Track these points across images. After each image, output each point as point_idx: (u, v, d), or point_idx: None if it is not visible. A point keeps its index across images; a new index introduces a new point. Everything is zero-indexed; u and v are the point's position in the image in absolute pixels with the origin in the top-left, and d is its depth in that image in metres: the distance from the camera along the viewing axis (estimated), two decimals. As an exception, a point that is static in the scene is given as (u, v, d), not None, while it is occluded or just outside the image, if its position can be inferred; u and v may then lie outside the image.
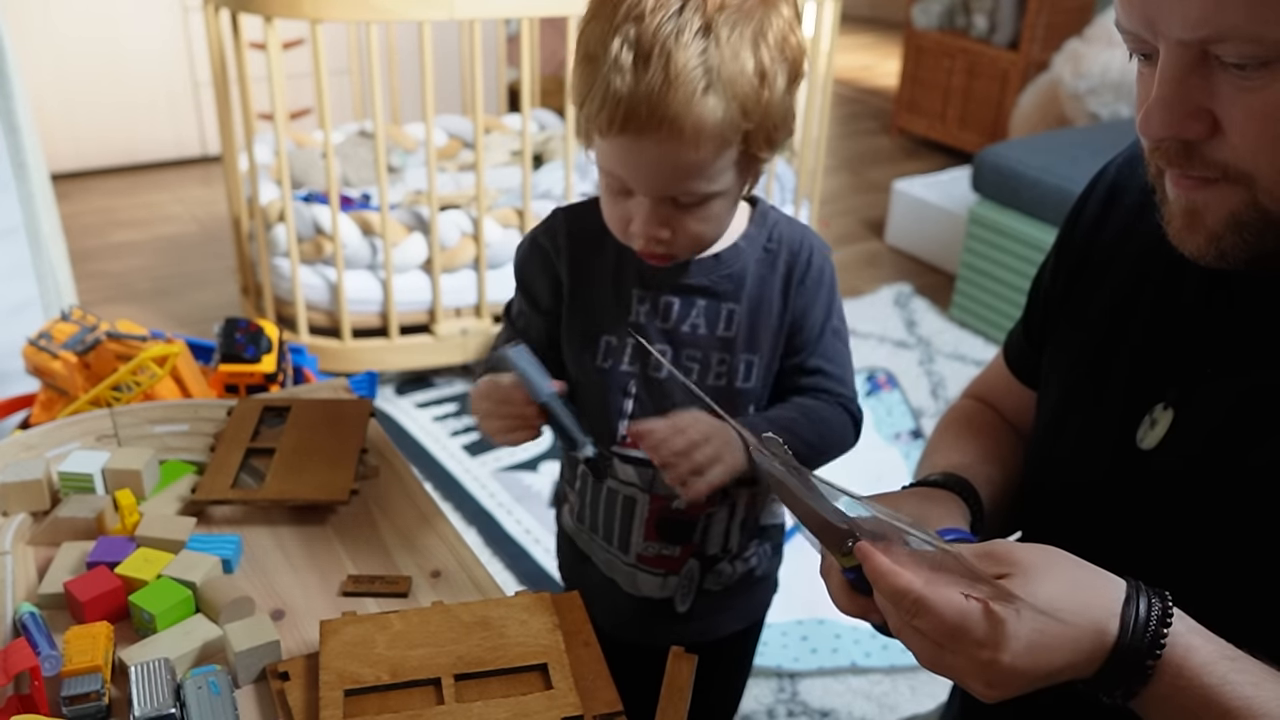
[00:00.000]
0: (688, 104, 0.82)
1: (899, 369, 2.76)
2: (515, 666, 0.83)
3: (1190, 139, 0.63)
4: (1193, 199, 0.66)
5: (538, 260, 1.04)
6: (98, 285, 3.12)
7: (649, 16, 0.81)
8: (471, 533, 2.13)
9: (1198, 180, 0.65)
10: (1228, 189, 0.64)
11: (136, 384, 1.47)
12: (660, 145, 0.84)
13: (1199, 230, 0.66)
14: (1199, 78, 0.61)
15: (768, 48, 0.84)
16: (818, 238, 1.02)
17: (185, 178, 3.97)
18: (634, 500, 1.04)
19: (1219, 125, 0.62)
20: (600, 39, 0.84)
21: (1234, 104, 0.60)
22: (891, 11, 6.24)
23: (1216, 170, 0.63)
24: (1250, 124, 0.60)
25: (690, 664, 0.87)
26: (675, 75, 0.81)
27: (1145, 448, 0.77)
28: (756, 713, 1.74)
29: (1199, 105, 0.62)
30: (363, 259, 2.59)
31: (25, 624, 0.85)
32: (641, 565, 1.07)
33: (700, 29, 0.81)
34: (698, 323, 0.98)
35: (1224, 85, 0.60)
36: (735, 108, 0.84)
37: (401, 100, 3.44)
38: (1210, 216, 0.65)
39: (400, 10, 2.27)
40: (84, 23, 3.70)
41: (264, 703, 0.82)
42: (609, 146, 0.87)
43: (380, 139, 2.40)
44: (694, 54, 0.81)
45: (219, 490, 1.03)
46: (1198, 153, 0.64)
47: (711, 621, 1.12)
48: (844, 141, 4.61)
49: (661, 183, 0.88)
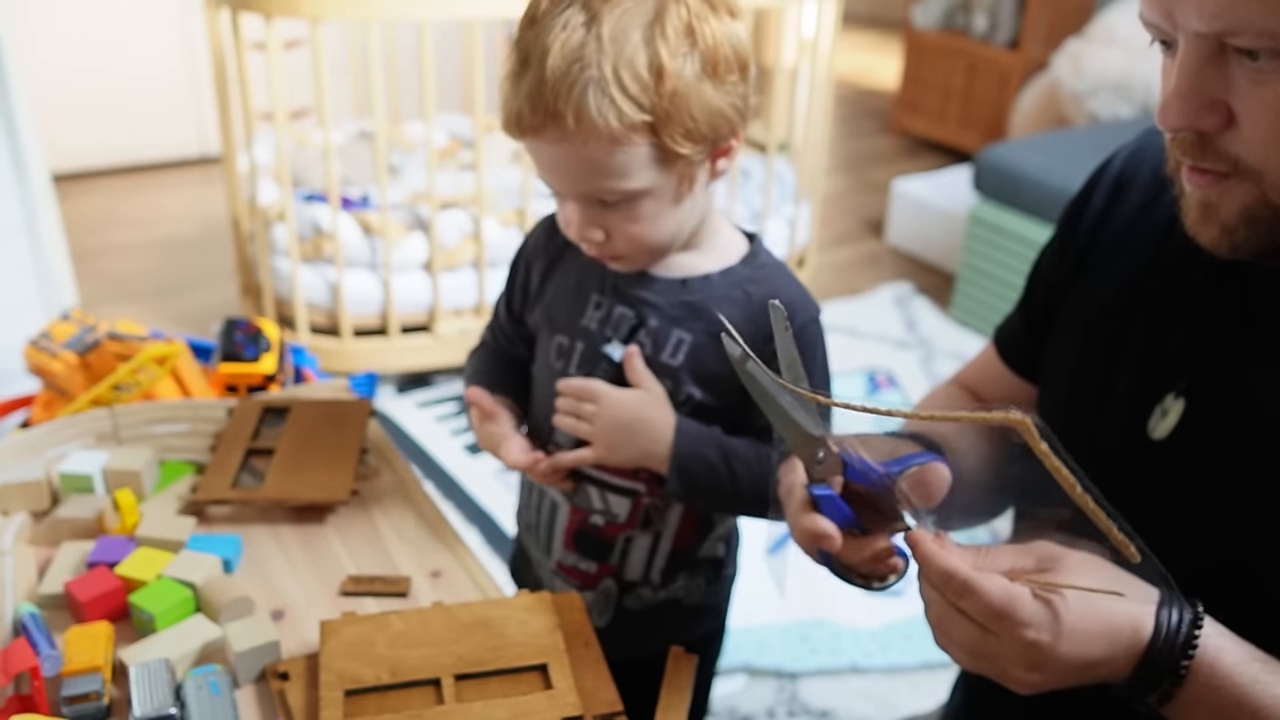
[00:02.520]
0: (566, 100, 0.82)
1: (899, 369, 2.76)
2: (515, 667, 0.83)
3: (1206, 130, 0.64)
4: (1207, 194, 0.67)
5: (520, 259, 1.07)
6: (98, 285, 3.12)
7: (540, 20, 0.83)
8: (471, 533, 2.13)
9: (1212, 176, 0.66)
10: (1239, 184, 0.65)
11: (136, 384, 1.47)
12: (555, 144, 0.85)
13: (1213, 223, 0.68)
14: (1216, 70, 0.62)
15: (664, 39, 0.82)
16: (808, 297, 0.99)
17: (185, 178, 3.97)
18: (557, 507, 1.05)
19: (1234, 118, 0.63)
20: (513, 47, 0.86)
21: (1249, 96, 0.62)
22: (891, 11, 6.24)
23: (1228, 164, 0.65)
24: (1263, 116, 0.62)
25: (690, 664, 0.87)
26: (551, 73, 0.81)
27: (1157, 438, 0.78)
28: (756, 713, 1.74)
29: (1215, 97, 0.63)
30: (363, 259, 2.59)
31: (25, 624, 0.85)
32: (560, 573, 1.07)
33: (583, 23, 0.81)
34: (643, 341, 0.96)
35: (1240, 78, 0.62)
36: (624, 102, 0.82)
37: (401, 100, 3.44)
38: (1224, 210, 0.66)
39: (400, 10, 2.27)
40: (84, 23, 3.70)
41: (264, 703, 0.82)
42: (529, 149, 0.89)
43: (380, 139, 2.40)
44: (571, 50, 0.81)
45: (219, 490, 1.03)
46: (1212, 145, 0.65)
47: (631, 641, 1.03)
48: (844, 141, 4.61)
49: (572, 181, 0.88)
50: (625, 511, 1.02)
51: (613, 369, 0.97)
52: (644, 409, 0.94)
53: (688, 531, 1.04)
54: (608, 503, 1.01)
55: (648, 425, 0.94)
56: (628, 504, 1.01)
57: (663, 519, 1.03)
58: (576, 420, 0.96)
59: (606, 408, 0.94)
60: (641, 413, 0.94)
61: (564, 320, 1.01)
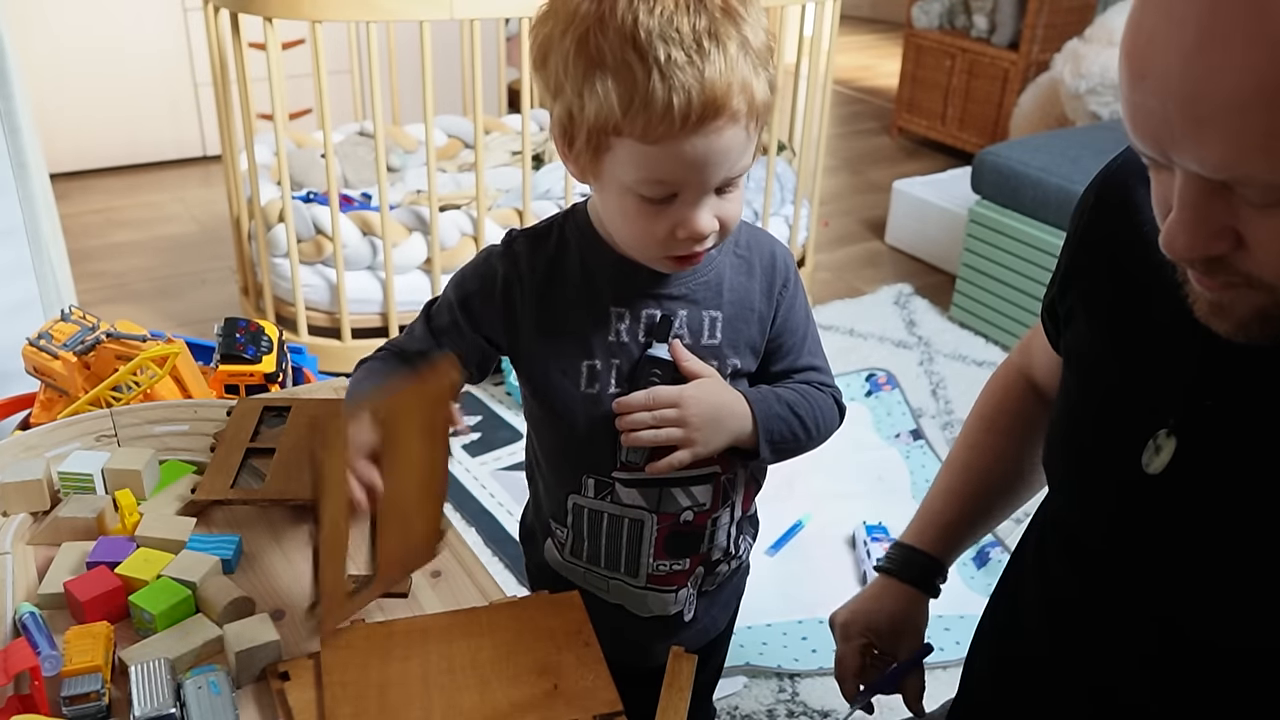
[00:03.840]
0: (749, 83, 0.83)
1: (899, 369, 2.75)
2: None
3: (1216, 256, 0.62)
4: (1219, 298, 0.66)
5: (494, 284, 0.99)
6: (98, 285, 3.12)
7: (678, 15, 0.80)
8: (471, 533, 2.13)
9: (1223, 283, 0.64)
10: (1252, 293, 0.63)
11: (136, 384, 1.47)
12: (725, 130, 0.83)
13: (1226, 319, 0.66)
14: (1221, 200, 0.59)
15: (763, 18, 0.86)
16: (782, 244, 1.04)
17: (185, 178, 3.97)
18: (640, 523, 1.02)
19: (1243, 240, 0.61)
20: (622, 46, 0.80)
21: (1258, 226, 0.59)
22: (891, 11, 6.24)
23: (1241, 278, 0.63)
24: (1274, 244, 0.59)
25: (690, 664, 0.87)
26: (732, 58, 0.82)
27: (1151, 473, 0.77)
28: (757, 713, 1.74)
29: (1222, 224, 0.60)
30: (363, 259, 2.59)
31: (25, 624, 0.85)
32: (651, 586, 1.06)
33: (722, 10, 0.82)
34: (681, 332, 0.97)
35: (1244, 206, 0.59)
36: (770, 81, 0.86)
37: (401, 100, 3.44)
38: (1238, 310, 0.65)
39: (400, 10, 2.28)
40: (84, 23, 3.70)
41: (264, 703, 0.82)
42: (662, 151, 0.83)
43: (380, 139, 2.40)
44: (734, 37, 0.82)
45: (219, 490, 1.03)
46: (1223, 264, 0.63)
47: (709, 621, 1.13)
48: (844, 141, 4.61)
49: (723, 170, 0.86)
50: (710, 497, 1.03)
51: (666, 369, 0.96)
52: (721, 395, 0.96)
53: (750, 494, 1.09)
54: (693, 495, 1.02)
55: (728, 409, 0.96)
56: (710, 489, 1.02)
57: (735, 489, 1.05)
58: (656, 432, 0.94)
59: (690, 406, 0.94)
60: (721, 399, 0.96)
61: (589, 343, 0.97)
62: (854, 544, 2.09)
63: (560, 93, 0.85)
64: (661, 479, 0.99)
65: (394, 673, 0.82)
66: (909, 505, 2.23)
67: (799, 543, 2.09)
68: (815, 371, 1.04)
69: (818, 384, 1.03)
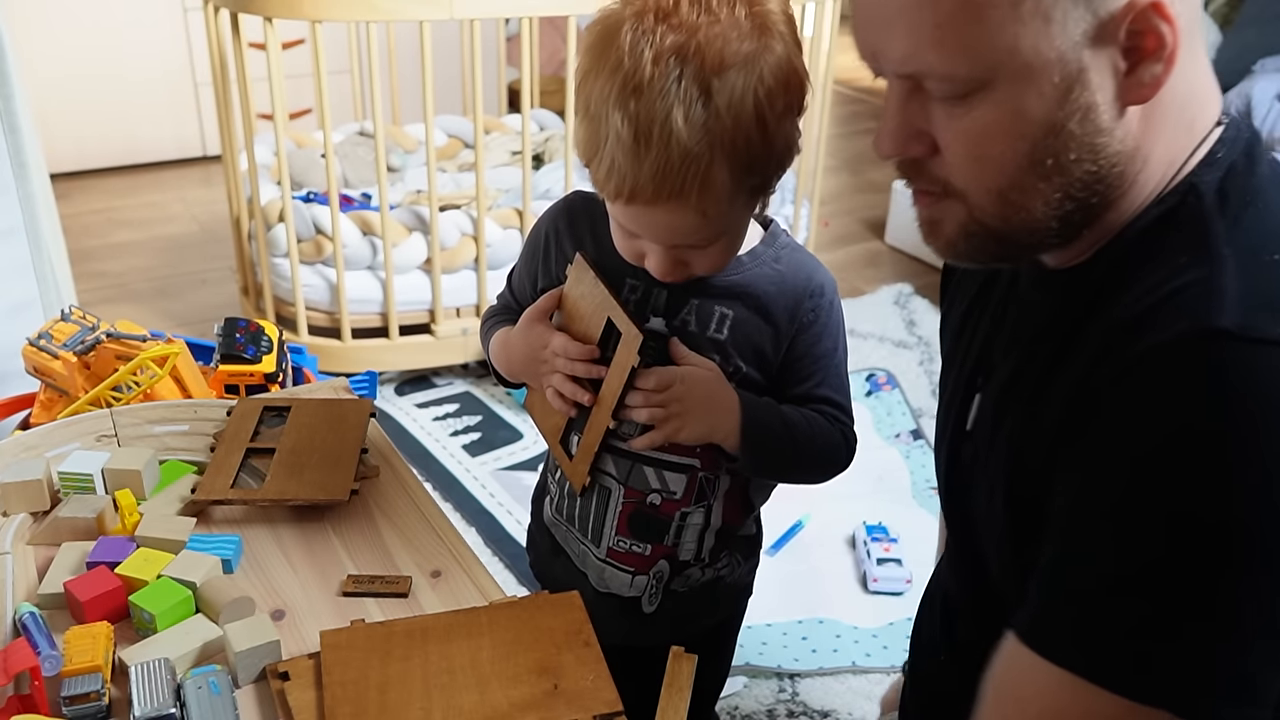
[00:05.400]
0: (695, 179, 0.82)
1: (899, 369, 2.75)
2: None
3: (916, 157, 0.72)
4: (930, 213, 0.75)
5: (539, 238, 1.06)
6: (98, 285, 3.12)
7: (647, 89, 0.80)
8: (471, 533, 2.12)
9: (931, 196, 0.74)
10: (952, 204, 0.72)
11: (136, 384, 1.47)
12: (669, 214, 0.86)
13: (939, 237, 0.75)
14: (918, 104, 0.70)
15: (767, 91, 0.83)
16: (827, 272, 1.03)
17: (185, 178, 3.97)
18: (609, 491, 1.04)
19: (937, 146, 0.70)
20: (600, 101, 0.83)
21: (945, 128, 0.69)
22: (891, 11, 6.22)
23: (939, 185, 0.72)
24: (958, 145, 0.69)
25: (690, 664, 0.87)
26: (679, 153, 0.81)
27: (968, 429, 0.88)
28: (757, 713, 1.74)
29: (919, 128, 0.71)
30: (363, 259, 2.59)
31: (25, 624, 0.85)
32: (611, 560, 1.07)
33: (699, 98, 0.80)
34: (688, 319, 0.99)
35: (937, 111, 0.69)
36: (740, 167, 0.84)
37: (401, 100, 3.44)
38: (946, 227, 0.74)
39: (400, 10, 2.27)
40: (84, 23, 3.70)
41: (264, 703, 0.82)
42: (615, 208, 0.90)
43: (380, 139, 2.40)
44: (696, 127, 0.81)
45: (219, 490, 1.03)
46: (925, 169, 0.73)
47: (677, 623, 1.10)
48: (844, 141, 4.61)
49: (675, 237, 0.90)
50: (682, 488, 1.03)
51: (660, 344, 0.97)
52: (712, 387, 0.96)
53: (735, 509, 1.08)
54: (665, 480, 1.02)
55: (715, 401, 0.96)
56: (684, 480, 1.03)
57: (714, 493, 1.05)
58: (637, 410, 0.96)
59: (677, 389, 0.95)
60: (710, 390, 0.96)
61: None
62: (854, 544, 2.09)
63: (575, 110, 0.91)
64: (636, 454, 1.01)
65: (394, 673, 0.82)
66: (909, 505, 2.23)
67: (799, 543, 2.09)
68: (830, 406, 1.03)
69: (830, 417, 1.03)
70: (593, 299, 0.97)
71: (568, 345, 0.98)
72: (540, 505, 1.18)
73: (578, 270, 0.99)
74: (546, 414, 1.05)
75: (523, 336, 1.02)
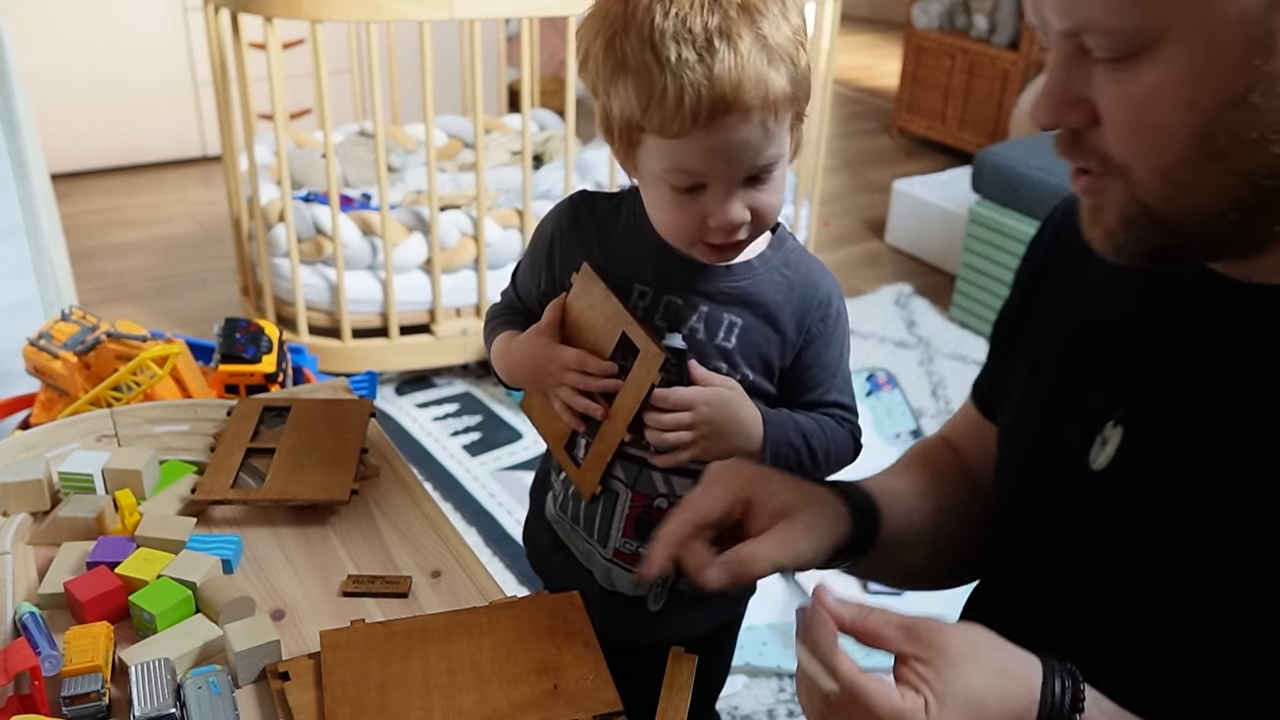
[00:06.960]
0: (762, 79, 0.85)
1: (899, 369, 2.76)
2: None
3: (1074, 127, 0.66)
4: (1093, 199, 0.69)
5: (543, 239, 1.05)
6: (98, 285, 3.12)
7: (691, 14, 0.84)
8: (471, 533, 2.13)
9: (1091, 177, 0.67)
10: (1114, 184, 0.66)
11: (136, 384, 1.47)
12: (740, 125, 0.86)
13: (1099, 226, 0.69)
14: (1080, 68, 0.63)
15: (795, 8, 0.88)
16: (833, 279, 1.04)
17: (185, 178, 3.97)
18: (617, 495, 1.04)
19: (1098, 116, 0.64)
20: (640, 48, 0.85)
21: (1106, 94, 0.63)
22: (891, 11, 6.23)
23: (1098, 161, 0.66)
24: (1119, 113, 0.63)
25: (690, 664, 0.87)
26: (744, 55, 0.84)
27: (1097, 468, 0.77)
28: (757, 713, 1.74)
29: (1079, 95, 0.64)
30: (363, 259, 2.59)
31: (25, 624, 0.85)
32: (617, 561, 1.07)
33: (739, 7, 0.84)
34: (697, 327, 0.98)
35: (1099, 76, 0.63)
36: (789, 80, 0.87)
37: (401, 100, 3.44)
38: (1108, 214, 0.67)
39: (400, 10, 2.27)
40: (84, 23, 3.70)
41: (264, 703, 0.82)
42: (684, 146, 0.88)
43: (380, 139, 2.40)
44: (749, 33, 0.84)
45: (219, 490, 1.03)
46: (1083, 142, 0.66)
47: (682, 622, 1.11)
48: (844, 141, 4.61)
49: (745, 162, 0.89)
50: (689, 491, 1.02)
51: (679, 360, 0.97)
52: (736, 409, 0.96)
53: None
54: (672, 485, 1.02)
55: (744, 422, 0.96)
56: (691, 484, 1.02)
57: None
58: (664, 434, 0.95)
59: (702, 412, 0.94)
60: (734, 414, 0.96)
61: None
62: (854, 544, 2.09)
63: (597, 93, 0.91)
64: (644, 458, 1.01)
65: (394, 673, 0.82)
66: (909, 505, 2.23)
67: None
68: (839, 409, 1.04)
69: (839, 419, 1.04)
70: (603, 311, 0.96)
71: (583, 360, 0.98)
72: (540, 499, 1.17)
73: (585, 281, 0.98)
74: (548, 419, 1.04)
75: (526, 349, 1.02)
